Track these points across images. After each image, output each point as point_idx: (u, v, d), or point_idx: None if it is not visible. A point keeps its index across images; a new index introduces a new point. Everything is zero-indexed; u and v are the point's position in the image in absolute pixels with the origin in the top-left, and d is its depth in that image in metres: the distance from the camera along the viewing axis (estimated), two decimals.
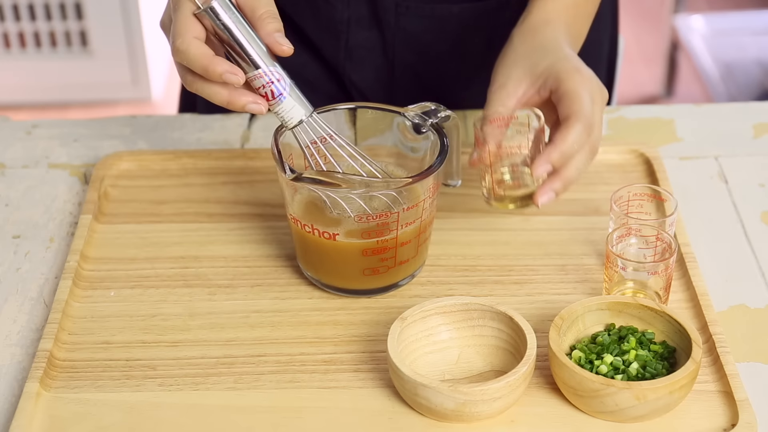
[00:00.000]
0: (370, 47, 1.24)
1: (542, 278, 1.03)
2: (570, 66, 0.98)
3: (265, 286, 1.03)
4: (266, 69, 0.92)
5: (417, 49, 1.24)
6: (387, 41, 1.23)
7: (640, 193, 1.04)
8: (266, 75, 0.92)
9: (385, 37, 1.23)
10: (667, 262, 0.96)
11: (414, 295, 1.02)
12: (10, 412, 0.92)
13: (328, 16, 1.22)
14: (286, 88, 0.93)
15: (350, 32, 1.23)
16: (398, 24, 1.22)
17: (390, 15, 1.21)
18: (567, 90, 0.97)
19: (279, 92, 0.93)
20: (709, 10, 3.27)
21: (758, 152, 1.21)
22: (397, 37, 1.23)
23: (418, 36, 1.23)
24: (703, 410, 0.90)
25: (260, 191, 1.14)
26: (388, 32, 1.23)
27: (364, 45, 1.24)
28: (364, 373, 0.94)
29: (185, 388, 0.93)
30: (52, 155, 1.22)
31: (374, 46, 1.24)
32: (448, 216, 1.10)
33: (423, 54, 1.24)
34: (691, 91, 2.96)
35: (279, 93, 0.93)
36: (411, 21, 1.22)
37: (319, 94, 1.10)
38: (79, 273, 1.04)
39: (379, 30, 1.23)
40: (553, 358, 0.89)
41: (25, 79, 2.94)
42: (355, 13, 1.22)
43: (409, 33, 1.23)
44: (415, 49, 1.23)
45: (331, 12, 1.22)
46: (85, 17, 2.85)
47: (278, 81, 0.93)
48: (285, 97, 0.93)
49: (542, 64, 0.99)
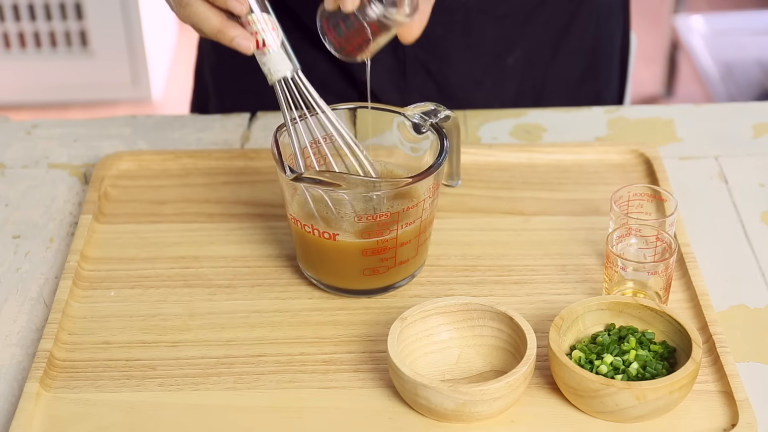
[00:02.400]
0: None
1: (542, 278, 1.03)
2: None
3: (265, 286, 1.03)
4: (260, 16, 0.91)
5: (428, 47, 1.22)
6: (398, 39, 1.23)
7: (640, 193, 1.04)
8: (260, 21, 0.91)
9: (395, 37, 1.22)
10: (667, 262, 0.96)
11: (414, 295, 1.02)
12: (10, 412, 0.92)
13: None
14: (277, 40, 0.92)
15: None
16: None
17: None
18: None
19: (271, 41, 0.92)
20: (709, 10, 3.27)
21: (758, 152, 1.21)
22: None
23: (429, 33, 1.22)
24: (703, 410, 0.90)
25: (260, 191, 1.14)
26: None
27: None
28: (364, 373, 0.94)
29: (185, 388, 0.93)
30: (52, 155, 1.22)
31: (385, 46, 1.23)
32: (448, 216, 1.10)
33: (434, 51, 1.23)
34: (691, 91, 2.96)
35: (270, 42, 0.92)
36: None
37: (330, 93, 1.10)
38: (79, 273, 1.04)
39: None
40: (553, 358, 0.89)
41: (25, 79, 2.94)
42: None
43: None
44: (426, 46, 1.22)
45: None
46: (85, 17, 2.86)
47: (272, 30, 0.92)
48: (274, 49, 0.92)
49: None
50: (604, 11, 1.30)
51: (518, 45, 1.26)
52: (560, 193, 1.12)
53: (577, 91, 1.33)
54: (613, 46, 1.34)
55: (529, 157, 1.18)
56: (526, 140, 1.23)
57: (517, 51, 1.27)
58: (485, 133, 1.24)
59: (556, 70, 1.31)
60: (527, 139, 1.23)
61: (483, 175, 1.16)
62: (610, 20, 1.32)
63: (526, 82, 1.30)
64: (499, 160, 1.18)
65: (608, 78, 1.37)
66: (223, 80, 1.35)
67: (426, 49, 1.23)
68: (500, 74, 1.28)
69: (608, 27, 1.32)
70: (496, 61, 1.27)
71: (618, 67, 1.38)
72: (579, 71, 1.32)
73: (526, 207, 1.12)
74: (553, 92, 1.32)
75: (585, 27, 1.29)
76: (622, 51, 1.37)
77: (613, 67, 1.36)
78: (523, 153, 1.18)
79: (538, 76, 1.30)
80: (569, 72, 1.32)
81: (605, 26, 1.30)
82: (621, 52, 1.37)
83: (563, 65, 1.31)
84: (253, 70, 1.04)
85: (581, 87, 1.33)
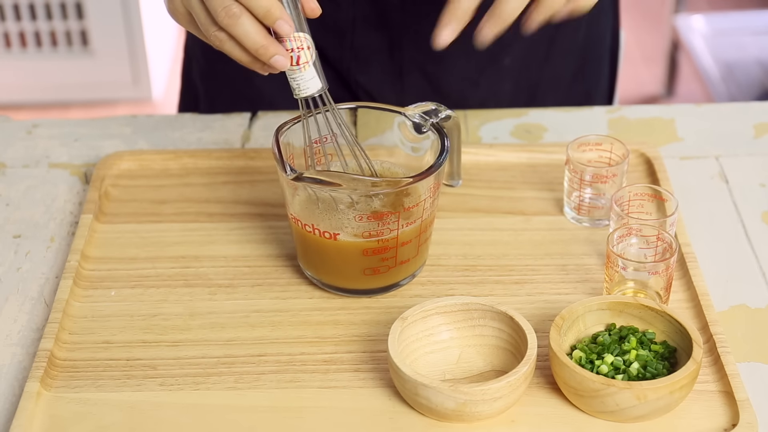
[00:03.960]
0: (376, 48, 1.24)
1: (543, 278, 1.03)
2: None
3: (265, 286, 1.03)
4: (298, 34, 0.92)
5: (424, 48, 1.23)
6: (394, 40, 1.23)
7: (640, 193, 1.04)
8: (297, 39, 0.92)
9: (391, 37, 1.22)
10: (667, 262, 0.95)
11: (414, 294, 1.02)
12: (11, 411, 0.92)
13: (333, 16, 1.21)
14: (312, 57, 0.93)
15: (356, 32, 1.22)
16: (404, 22, 1.21)
17: (396, 13, 1.21)
18: None
19: (305, 59, 0.93)
20: (709, 10, 3.27)
21: (759, 152, 1.21)
22: (404, 36, 1.22)
23: (426, 35, 1.22)
24: (703, 410, 0.90)
25: (261, 191, 1.14)
26: (395, 31, 1.22)
27: (369, 45, 1.23)
28: (364, 372, 0.94)
29: (186, 388, 0.93)
30: (53, 155, 1.22)
31: (381, 46, 1.23)
32: (449, 216, 1.10)
33: (430, 52, 1.24)
34: (691, 90, 2.96)
35: (305, 60, 0.93)
36: (419, 20, 1.21)
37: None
38: (79, 273, 1.04)
39: (386, 30, 1.22)
40: (554, 358, 0.89)
41: (25, 79, 2.94)
42: (360, 13, 1.21)
43: (415, 31, 1.22)
44: (422, 48, 1.23)
45: (336, 12, 1.21)
46: (85, 17, 2.86)
47: (308, 49, 0.93)
48: (310, 66, 0.93)
49: None
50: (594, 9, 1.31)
51: (513, 45, 1.26)
52: (561, 193, 1.12)
53: (569, 90, 1.33)
54: (604, 44, 1.35)
55: (530, 157, 1.18)
56: (527, 140, 1.23)
57: (512, 51, 1.27)
58: (486, 133, 1.24)
59: (550, 69, 1.31)
60: (528, 138, 1.23)
61: (484, 174, 1.16)
62: (600, 18, 1.32)
63: (521, 83, 1.30)
64: (499, 159, 1.18)
65: (599, 76, 1.37)
66: (214, 85, 1.34)
67: (422, 50, 1.23)
68: (496, 75, 1.28)
69: (598, 25, 1.32)
70: (492, 61, 1.27)
71: (608, 66, 1.38)
72: (572, 70, 1.32)
73: (526, 207, 1.12)
74: (547, 92, 1.32)
75: (577, 26, 1.29)
76: (612, 49, 1.37)
77: (603, 66, 1.37)
78: (523, 153, 1.18)
79: (533, 76, 1.30)
80: (562, 71, 1.32)
81: (595, 24, 1.30)
82: (611, 51, 1.37)
83: (557, 65, 1.31)
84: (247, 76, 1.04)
85: (573, 86, 1.34)
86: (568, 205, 1.09)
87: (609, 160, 1.08)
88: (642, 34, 3.20)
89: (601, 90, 1.38)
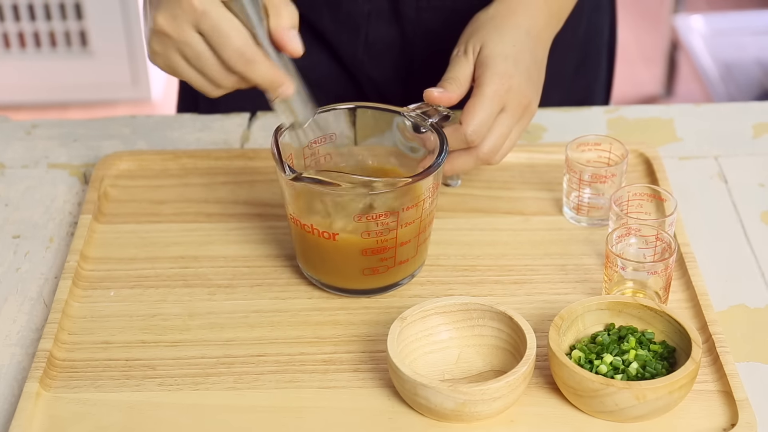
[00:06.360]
0: (389, 42, 1.24)
1: (542, 278, 1.03)
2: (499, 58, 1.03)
3: (264, 286, 1.03)
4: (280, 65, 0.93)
5: (436, 45, 1.23)
6: (407, 36, 1.23)
7: (639, 193, 1.04)
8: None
9: (404, 32, 1.23)
10: (666, 261, 0.96)
11: (414, 294, 1.02)
12: (10, 412, 0.92)
13: (348, 10, 1.21)
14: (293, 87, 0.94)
15: (370, 26, 1.23)
16: (418, 18, 1.22)
17: (410, 9, 1.21)
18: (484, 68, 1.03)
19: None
20: (708, 10, 3.27)
21: (758, 152, 1.21)
22: (417, 32, 1.23)
23: (438, 31, 1.22)
24: (702, 410, 0.90)
25: (260, 191, 1.14)
26: (408, 27, 1.22)
27: (383, 40, 1.24)
28: (363, 373, 0.94)
29: (185, 388, 0.93)
30: (52, 155, 1.22)
31: (393, 41, 1.24)
32: (448, 216, 1.10)
33: (442, 50, 1.24)
34: (690, 91, 2.96)
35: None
36: (431, 15, 1.21)
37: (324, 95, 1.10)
38: (78, 273, 1.04)
39: (399, 25, 1.22)
40: (553, 357, 0.89)
41: (25, 79, 2.94)
42: (375, 7, 1.21)
43: (428, 28, 1.22)
44: (434, 44, 1.22)
45: (351, 6, 1.21)
46: (84, 17, 2.86)
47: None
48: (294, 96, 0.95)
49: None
50: (593, 3, 1.31)
51: None
52: (560, 193, 1.12)
53: (571, 84, 1.33)
54: (602, 39, 1.35)
55: (529, 157, 1.18)
56: (526, 140, 1.23)
57: None
58: None
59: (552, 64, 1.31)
60: (527, 139, 1.23)
61: (483, 174, 1.16)
62: (599, 13, 1.33)
63: None
64: None
65: (598, 72, 1.37)
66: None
67: (432, 45, 1.23)
68: None
69: (597, 20, 1.33)
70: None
71: (606, 61, 1.38)
72: (573, 64, 1.33)
73: (525, 207, 1.12)
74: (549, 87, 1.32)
75: (578, 20, 1.29)
76: (610, 45, 1.38)
77: (602, 61, 1.37)
78: (523, 153, 1.18)
79: None
80: (564, 66, 1.32)
81: (594, 19, 1.30)
82: (609, 47, 1.37)
83: (559, 60, 1.31)
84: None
85: (575, 80, 1.34)
86: (567, 205, 1.09)
87: (608, 160, 1.08)
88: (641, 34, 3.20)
89: (600, 85, 1.38)
